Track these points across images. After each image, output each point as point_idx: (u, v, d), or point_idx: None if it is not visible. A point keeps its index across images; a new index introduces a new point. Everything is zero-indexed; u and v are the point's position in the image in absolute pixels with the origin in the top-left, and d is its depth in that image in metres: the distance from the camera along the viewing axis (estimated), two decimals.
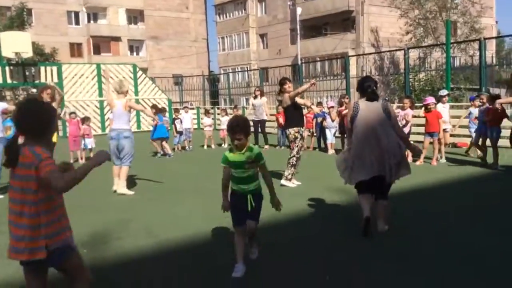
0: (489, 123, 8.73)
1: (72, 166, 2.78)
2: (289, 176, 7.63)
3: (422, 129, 10.30)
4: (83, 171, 2.53)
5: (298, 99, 7.90)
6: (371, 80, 5.14)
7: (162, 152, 12.08)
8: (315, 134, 13.02)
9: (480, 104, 9.46)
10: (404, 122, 9.83)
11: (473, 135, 9.70)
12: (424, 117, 9.81)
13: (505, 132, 9.23)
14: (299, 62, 32.70)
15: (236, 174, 3.95)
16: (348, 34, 35.73)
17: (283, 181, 7.61)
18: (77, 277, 2.75)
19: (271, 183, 4.00)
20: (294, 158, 7.63)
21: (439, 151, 9.76)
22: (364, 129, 4.85)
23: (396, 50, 21.68)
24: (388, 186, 5.00)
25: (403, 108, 10.04)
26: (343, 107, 11.63)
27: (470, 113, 10.62)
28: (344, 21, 36.68)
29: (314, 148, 12.98)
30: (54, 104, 8.38)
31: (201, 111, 20.41)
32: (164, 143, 12.03)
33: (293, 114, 7.70)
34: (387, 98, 11.98)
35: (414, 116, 10.09)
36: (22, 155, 2.51)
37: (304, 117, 13.64)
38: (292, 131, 7.61)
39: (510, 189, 7.36)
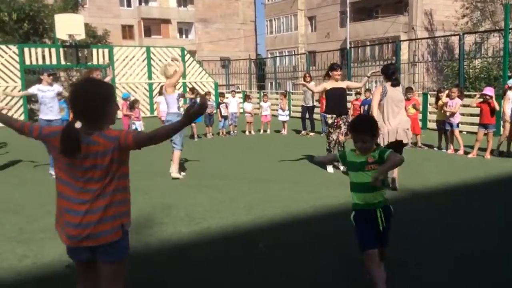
0: None
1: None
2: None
3: (477, 120, 9.81)
4: (174, 127, 2.35)
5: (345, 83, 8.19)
6: (394, 68, 6.83)
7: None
8: None
9: None
10: (450, 111, 9.48)
11: None
12: (478, 107, 9.36)
13: None
14: (348, 46, 31.99)
15: (355, 180, 3.20)
16: (400, 17, 34.48)
17: (328, 168, 7.91)
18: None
19: (396, 161, 3.08)
20: (327, 144, 8.04)
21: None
22: (388, 105, 6.52)
23: (450, 35, 20.69)
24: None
25: (451, 98, 9.65)
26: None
27: None
28: (396, 3, 35.39)
29: None
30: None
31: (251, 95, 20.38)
32: (193, 125, 12.27)
33: (329, 100, 8.11)
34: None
35: (465, 106, 9.68)
36: (92, 144, 2.27)
37: (351, 104, 13.48)
38: (328, 116, 8.04)
39: None
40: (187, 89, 14.84)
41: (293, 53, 39.13)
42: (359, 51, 31.79)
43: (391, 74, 6.66)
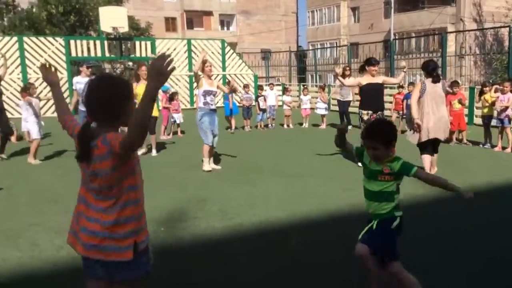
0: None
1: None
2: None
3: None
4: (144, 102, 1.94)
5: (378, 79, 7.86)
6: (435, 64, 6.97)
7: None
8: (404, 116, 12.37)
9: None
10: (503, 106, 9.06)
11: None
12: None
13: None
14: (392, 37, 31.17)
15: (365, 185, 3.07)
16: (447, 7, 33.28)
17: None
18: None
19: (437, 180, 3.07)
20: (362, 141, 7.59)
21: None
22: (428, 102, 6.61)
23: (499, 27, 19.74)
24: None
25: (503, 92, 9.21)
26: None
27: None
28: None
29: (403, 132, 12.36)
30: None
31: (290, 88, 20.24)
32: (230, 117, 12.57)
33: (365, 96, 7.84)
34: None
35: None
36: (95, 147, 2.14)
37: (393, 98, 13.14)
38: (363, 112, 7.80)
39: None
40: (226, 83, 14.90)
41: (335, 45, 38.55)
42: (403, 43, 30.93)
43: (431, 70, 6.74)
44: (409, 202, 5.64)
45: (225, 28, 47.66)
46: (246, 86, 14.13)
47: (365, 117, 7.70)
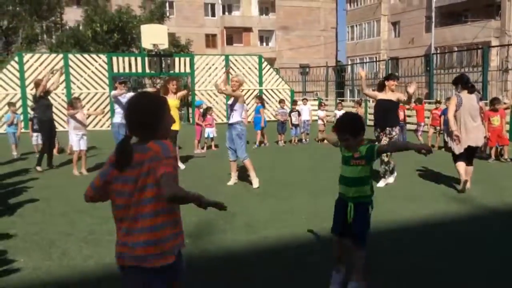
0: None
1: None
2: (381, 175, 7.59)
3: None
4: (194, 197, 2.18)
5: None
6: (467, 77, 7.20)
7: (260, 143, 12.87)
8: (441, 132, 12.06)
9: None
10: None
11: None
12: None
13: None
14: (432, 51, 30.57)
15: (341, 171, 3.61)
16: (492, 21, 32.39)
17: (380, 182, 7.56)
18: None
19: (397, 144, 3.89)
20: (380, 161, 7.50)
21: None
22: (464, 114, 6.82)
23: None
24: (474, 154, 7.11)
25: None
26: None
27: None
28: (487, 7, 33.27)
29: (440, 148, 12.05)
30: (177, 95, 8.90)
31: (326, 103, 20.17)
32: (259, 132, 12.80)
33: (375, 112, 7.65)
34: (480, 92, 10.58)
35: None
36: (141, 152, 2.27)
37: (430, 113, 12.85)
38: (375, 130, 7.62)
39: None
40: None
41: (375, 60, 38.18)
42: (445, 57, 30.28)
43: (466, 81, 7.04)
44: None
45: (264, 43, 48.16)
46: (281, 101, 14.20)
47: (376, 134, 7.55)
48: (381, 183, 7.45)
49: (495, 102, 9.96)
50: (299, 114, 13.39)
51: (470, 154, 7.04)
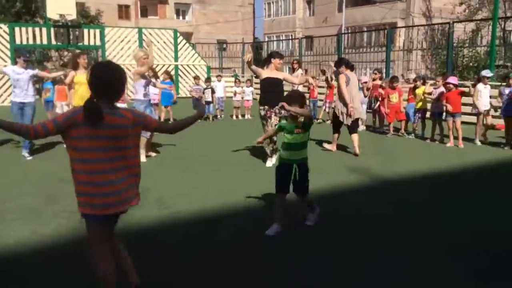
0: None
1: None
2: (268, 154, 7.44)
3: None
4: (190, 120, 2.97)
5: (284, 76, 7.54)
6: (347, 59, 8.90)
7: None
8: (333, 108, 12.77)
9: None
10: (435, 97, 9.57)
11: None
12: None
13: None
14: (343, 31, 31.80)
15: (289, 142, 4.37)
16: (398, 3, 34.23)
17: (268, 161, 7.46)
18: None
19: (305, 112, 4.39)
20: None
21: (475, 133, 9.54)
22: (352, 90, 8.17)
23: (441, 23, 20.51)
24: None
25: (436, 86, 9.73)
26: (371, 82, 11.63)
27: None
28: None
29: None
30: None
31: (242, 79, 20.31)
32: (162, 108, 12.55)
33: (263, 90, 7.32)
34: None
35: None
36: (117, 116, 2.67)
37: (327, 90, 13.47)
38: (260, 108, 7.29)
39: None
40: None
41: (290, 37, 38.92)
42: (356, 37, 31.62)
43: (347, 62, 8.52)
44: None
45: (181, 17, 47.13)
46: (196, 78, 14.13)
47: (262, 113, 7.25)
48: (269, 163, 7.34)
49: (393, 80, 10.71)
50: (213, 91, 13.43)
51: (355, 125, 8.34)
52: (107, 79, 2.69)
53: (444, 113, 9.40)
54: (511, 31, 28.44)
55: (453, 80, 9.30)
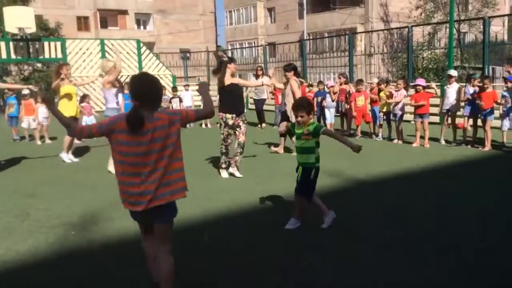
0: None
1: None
2: (223, 165, 7.22)
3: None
4: (210, 100, 3.23)
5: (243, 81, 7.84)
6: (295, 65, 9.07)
7: None
8: (315, 114, 12.98)
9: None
10: (395, 100, 9.88)
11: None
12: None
13: None
14: (305, 37, 32.29)
15: (296, 145, 4.70)
16: (357, 8, 35.07)
17: (222, 173, 7.26)
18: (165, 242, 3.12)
19: (336, 135, 4.80)
20: (222, 146, 7.14)
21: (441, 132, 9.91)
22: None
23: (400, 27, 21.15)
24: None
25: (397, 88, 10.05)
26: (338, 86, 11.76)
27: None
28: None
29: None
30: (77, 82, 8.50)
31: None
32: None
33: (229, 97, 7.01)
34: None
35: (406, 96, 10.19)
36: (154, 120, 2.86)
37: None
38: (228, 116, 6.97)
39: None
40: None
41: (253, 45, 39.20)
42: (317, 43, 32.16)
43: (295, 67, 8.96)
44: None
45: (142, 27, 46.71)
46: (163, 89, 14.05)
47: (230, 122, 6.95)
48: (225, 174, 7.18)
49: (358, 84, 10.99)
50: (181, 101, 13.41)
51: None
52: (149, 88, 2.94)
53: (413, 115, 9.77)
54: (466, 33, 29.60)
55: (421, 81, 9.68)
